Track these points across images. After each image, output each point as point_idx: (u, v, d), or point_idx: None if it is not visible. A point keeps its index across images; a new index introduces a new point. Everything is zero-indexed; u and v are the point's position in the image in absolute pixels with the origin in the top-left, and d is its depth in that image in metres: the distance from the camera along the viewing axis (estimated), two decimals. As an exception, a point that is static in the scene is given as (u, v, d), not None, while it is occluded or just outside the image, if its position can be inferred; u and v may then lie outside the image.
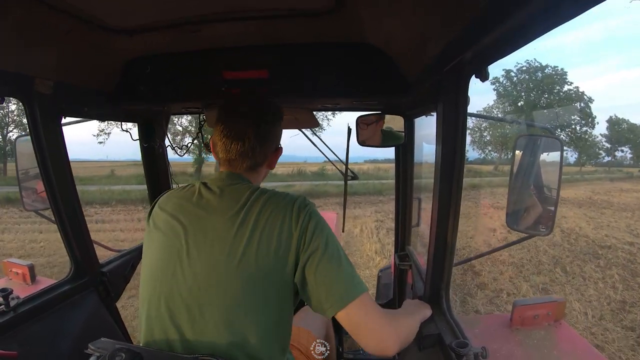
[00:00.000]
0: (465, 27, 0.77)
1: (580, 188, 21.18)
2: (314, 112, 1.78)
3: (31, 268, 1.71)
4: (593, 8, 0.53)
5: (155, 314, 0.89)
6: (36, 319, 1.28)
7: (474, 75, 0.89)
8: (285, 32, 1.26)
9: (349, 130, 1.73)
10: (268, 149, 1.04)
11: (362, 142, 1.71)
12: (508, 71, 32.69)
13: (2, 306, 1.21)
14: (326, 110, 1.74)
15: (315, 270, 0.86)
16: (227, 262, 0.85)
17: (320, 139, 1.98)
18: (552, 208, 1.27)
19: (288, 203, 0.93)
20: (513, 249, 7.50)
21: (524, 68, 32.42)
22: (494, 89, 33.24)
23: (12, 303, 1.22)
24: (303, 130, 1.98)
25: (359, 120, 1.69)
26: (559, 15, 0.55)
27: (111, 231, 9.23)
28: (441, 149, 1.02)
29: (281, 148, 1.10)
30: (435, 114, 1.06)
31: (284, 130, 1.99)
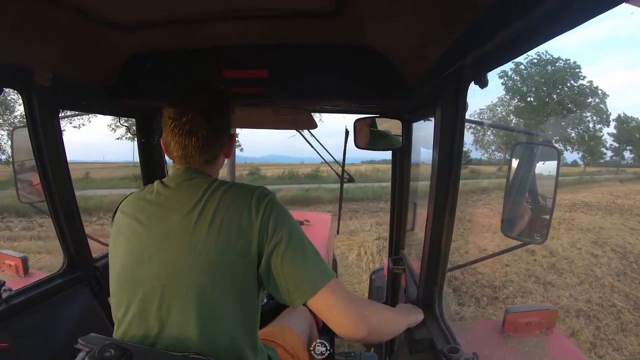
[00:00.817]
0: (465, 32, 0.77)
1: (595, 190, 19.94)
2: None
3: (24, 260, 1.71)
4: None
5: (125, 315, 0.89)
6: (28, 312, 1.28)
7: (472, 82, 0.90)
8: (285, 33, 1.26)
9: (347, 132, 1.74)
10: (222, 139, 1.02)
11: (359, 145, 1.72)
12: (517, 64, 30.55)
13: (-6, 298, 1.21)
14: (324, 112, 1.74)
15: (281, 262, 0.86)
16: (188, 260, 0.85)
17: (318, 141, 1.98)
18: (547, 216, 1.28)
19: (246, 194, 0.91)
20: (573, 287, 6.06)
21: (535, 61, 30.22)
22: (502, 83, 31.01)
23: (4, 295, 1.22)
24: (300, 131, 1.99)
25: (356, 123, 1.69)
26: (561, 24, 0.56)
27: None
28: (438, 154, 1.02)
29: (234, 134, 1.08)
30: (433, 118, 1.07)
31: (282, 131, 2.01)
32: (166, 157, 1.99)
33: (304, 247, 0.89)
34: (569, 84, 29.64)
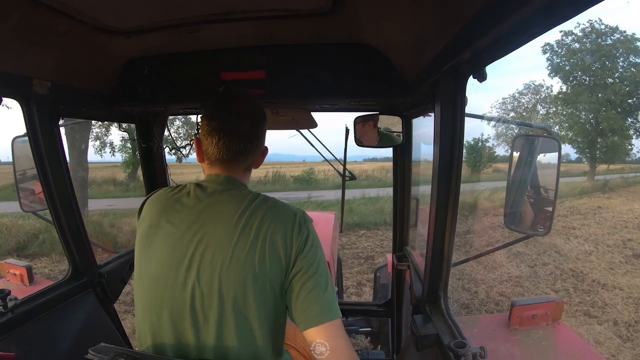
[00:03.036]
0: (463, 27, 0.77)
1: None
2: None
3: (29, 269, 1.71)
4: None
5: (158, 321, 0.89)
6: (34, 321, 1.28)
7: (471, 76, 0.89)
8: (283, 33, 1.26)
9: (347, 130, 1.74)
10: (261, 148, 1.05)
11: (360, 142, 1.71)
12: (567, 33, 21.49)
13: (0, 307, 1.21)
14: (324, 110, 1.74)
15: (301, 285, 0.89)
16: (229, 269, 0.86)
17: (318, 139, 1.98)
18: (550, 208, 1.28)
19: (289, 215, 0.94)
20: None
21: (588, 30, 21.27)
22: (548, 59, 22.38)
23: (10, 304, 1.22)
24: (300, 130, 1.99)
25: (356, 121, 1.69)
26: (557, 15, 0.56)
27: None
28: (439, 150, 1.02)
29: (267, 148, 1.10)
30: (432, 114, 1.07)
31: (282, 131, 2.01)
32: (166, 161, 1.99)
33: (326, 281, 0.91)
34: (628, 60, 21.31)
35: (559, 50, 22.14)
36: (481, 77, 0.85)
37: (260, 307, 0.88)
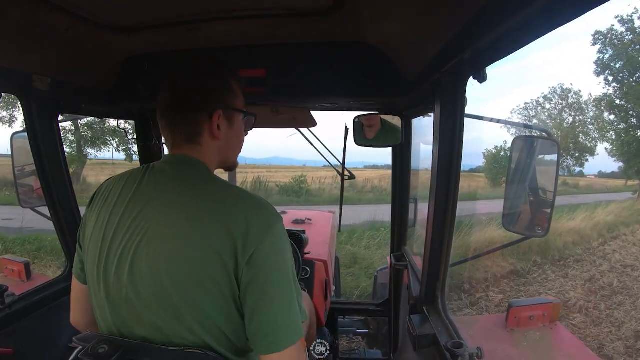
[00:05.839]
0: (464, 27, 0.77)
1: None
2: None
3: (27, 265, 1.71)
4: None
5: (104, 310, 0.82)
6: (31, 316, 1.28)
7: (471, 77, 0.90)
8: (283, 31, 1.26)
9: (346, 130, 1.74)
10: (203, 108, 0.84)
11: (359, 142, 1.72)
12: (624, 20, 15.21)
13: (-3, 303, 1.21)
14: (324, 110, 1.74)
15: (258, 302, 0.75)
16: (173, 263, 0.75)
17: (318, 139, 1.98)
18: (548, 210, 1.28)
19: (242, 206, 0.77)
20: None
21: None
22: (599, 51, 16.26)
23: (8, 300, 1.22)
24: (300, 129, 1.99)
25: (356, 120, 1.69)
26: (559, 16, 0.56)
27: None
28: (438, 150, 1.02)
29: (218, 110, 0.85)
30: (432, 114, 1.07)
31: (281, 130, 2.01)
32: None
33: (289, 298, 0.77)
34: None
35: (614, 41, 15.94)
36: (481, 77, 0.85)
37: (213, 303, 0.75)
